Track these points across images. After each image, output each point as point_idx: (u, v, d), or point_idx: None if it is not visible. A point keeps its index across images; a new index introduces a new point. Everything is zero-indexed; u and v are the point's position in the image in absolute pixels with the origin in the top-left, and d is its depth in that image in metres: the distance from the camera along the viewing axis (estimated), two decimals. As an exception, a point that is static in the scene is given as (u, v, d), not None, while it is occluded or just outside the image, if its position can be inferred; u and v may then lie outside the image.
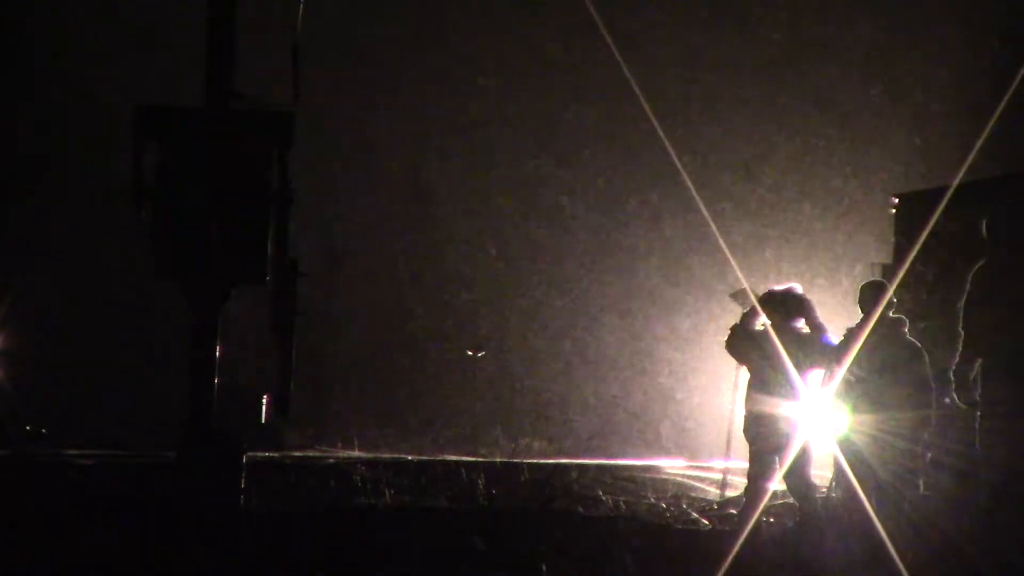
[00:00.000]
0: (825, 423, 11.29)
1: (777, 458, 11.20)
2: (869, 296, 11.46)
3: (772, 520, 13.83)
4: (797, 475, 11.18)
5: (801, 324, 11.36)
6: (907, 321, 11.37)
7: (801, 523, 11.29)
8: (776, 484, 11.41)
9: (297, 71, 11.72)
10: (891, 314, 11.38)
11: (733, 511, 15.41)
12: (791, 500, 11.66)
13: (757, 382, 11.31)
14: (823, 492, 13.75)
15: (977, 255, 11.30)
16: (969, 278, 10.84)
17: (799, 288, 11.51)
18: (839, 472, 11.73)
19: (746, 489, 11.61)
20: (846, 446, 11.34)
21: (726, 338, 11.54)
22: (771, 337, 11.27)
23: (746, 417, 11.39)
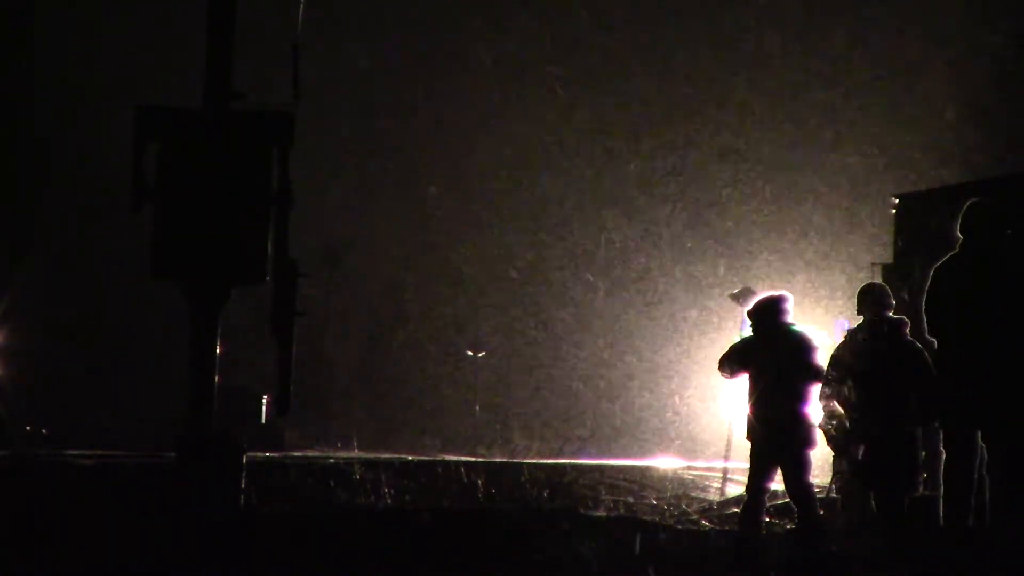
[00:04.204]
0: (824, 424, 11.30)
1: (777, 459, 11.22)
2: (868, 298, 11.46)
3: (772, 520, 13.84)
4: (796, 476, 11.20)
5: (793, 329, 11.37)
6: (908, 322, 11.36)
7: (800, 524, 11.29)
8: (776, 484, 11.42)
9: (297, 71, 11.70)
10: (891, 315, 11.38)
11: (734, 510, 15.43)
12: (790, 500, 11.67)
13: (757, 385, 11.31)
14: (821, 492, 13.76)
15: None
16: (932, 271, 10.69)
17: (775, 293, 11.50)
18: (838, 473, 11.74)
19: (746, 489, 11.62)
20: (844, 447, 11.35)
21: (721, 357, 11.50)
22: (769, 342, 11.27)
23: (748, 419, 11.39)
